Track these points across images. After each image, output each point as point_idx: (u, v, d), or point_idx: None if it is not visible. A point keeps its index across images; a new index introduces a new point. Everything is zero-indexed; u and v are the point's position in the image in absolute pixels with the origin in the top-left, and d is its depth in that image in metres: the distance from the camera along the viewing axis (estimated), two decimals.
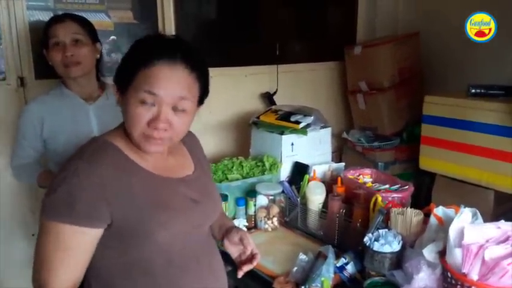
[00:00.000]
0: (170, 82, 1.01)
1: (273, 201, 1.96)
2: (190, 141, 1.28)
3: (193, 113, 1.08)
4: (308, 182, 1.93)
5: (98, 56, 1.79)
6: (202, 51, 1.11)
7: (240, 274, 1.23)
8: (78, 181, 0.98)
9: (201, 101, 1.11)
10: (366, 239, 1.45)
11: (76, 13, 2.04)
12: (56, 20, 1.71)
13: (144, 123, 1.01)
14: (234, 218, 1.95)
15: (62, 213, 0.98)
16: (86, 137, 1.63)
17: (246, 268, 1.23)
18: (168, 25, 2.52)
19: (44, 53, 1.74)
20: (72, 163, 1.02)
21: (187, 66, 1.02)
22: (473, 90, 2.44)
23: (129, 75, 1.03)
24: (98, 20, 2.37)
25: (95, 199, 0.98)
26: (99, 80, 1.84)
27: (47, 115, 1.72)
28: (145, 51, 1.03)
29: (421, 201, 1.70)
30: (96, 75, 1.82)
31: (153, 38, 1.07)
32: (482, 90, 2.44)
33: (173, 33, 2.46)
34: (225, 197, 1.91)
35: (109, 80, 1.87)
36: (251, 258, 1.24)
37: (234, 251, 1.27)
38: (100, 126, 1.74)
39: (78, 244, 1.00)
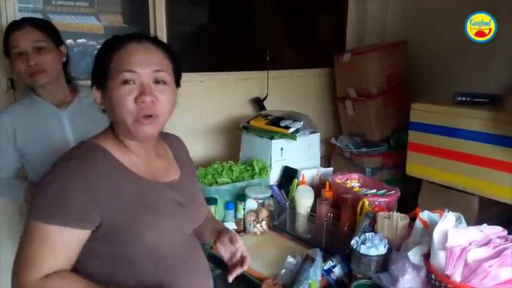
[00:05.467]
0: (142, 55, 1.06)
1: (262, 205, 1.97)
2: (176, 145, 1.30)
3: (174, 90, 1.12)
4: (297, 186, 1.96)
5: (64, 59, 1.73)
6: (194, 56, 1.15)
7: (230, 279, 1.22)
8: (68, 183, 0.99)
9: (177, 83, 1.15)
10: (353, 242, 1.47)
11: (66, 16, 2.02)
12: (15, 27, 1.63)
13: (131, 101, 1.04)
14: (223, 222, 1.96)
15: (52, 215, 0.98)
16: (61, 145, 1.63)
17: (235, 273, 1.22)
18: (160, 30, 2.53)
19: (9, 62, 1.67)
20: (62, 165, 1.02)
21: (152, 42, 1.10)
22: (459, 98, 2.48)
23: (103, 67, 1.07)
24: (88, 23, 2.38)
25: (86, 201, 0.99)
26: (70, 83, 1.78)
27: (19, 125, 1.66)
28: (114, 42, 1.09)
29: (408, 206, 1.73)
30: (66, 79, 1.77)
31: (119, 35, 1.12)
32: (467, 98, 2.48)
33: (164, 38, 2.47)
34: (214, 201, 1.93)
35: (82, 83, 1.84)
36: (241, 261, 1.23)
37: (225, 254, 1.27)
38: (75, 132, 1.70)
39: (65, 244, 1.00)
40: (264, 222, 1.93)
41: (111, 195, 1.02)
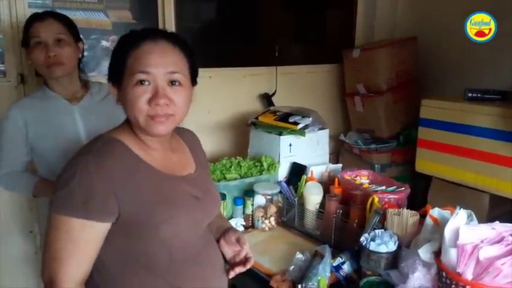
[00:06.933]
0: (158, 56, 1.06)
1: (270, 201, 1.97)
2: (191, 139, 1.31)
3: (189, 89, 1.12)
4: (305, 183, 1.95)
5: (80, 55, 1.75)
6: (202, 51, 1.15)
7: (231, 275, 1.23)
8: (88, 176, 0.99)
9: (193, 81, 1.15)
10: (362, 239, 1.46)
11: (75, 12, 2.03)
12: (37, 18, 1.65)
13: (145, 103, 1.04)
14: (231, 218, 1.96)
15: (73, 208, 0.99)
16: (72, 140, 1.65)
17: (238, 270, 1.23)
18: (169, 25, 2.53)
19: (25, 52, 1.69)
20: (80, 159, 1.03)
21: (168, 41, 1.09)
22: (470, 94, 2.46)
23: (120, 65, 1.07)
24: (96, 19, 2.38)
25: (106, 194, 1.00)
26: (81, 79, 1.80)
27: (30, 119, 1.67)
28: (131, 39, 1.08)
29: (418, 203, 1.72)
30: (78, 75, 1.78)
31: (135, 30, 1.12)
32: (478, 95, 2.45)
33: None
34: (223, 197, 1.92)
35: (94, 79, 1.87)
36: (244, 261, 1.25)
37: (228, 252, 1.28)
38: (87, 127, 1.71)
39: (88, 238, 1.02)
40: (272, 218, 1.93)
41: (128, 188, 1.03)
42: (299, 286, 1.42)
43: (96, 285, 1.08)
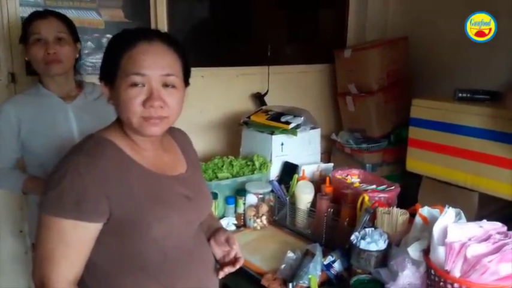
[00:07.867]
0: (152, 57, 1.05)
1: (262, 200, 1.97)
2: (182, 139, 1.31)
3: (183, 90, 1.12)
4: (297, 182, 1.96)
5: (77, 55, 1.76)
6: (195, 51, 1.15)
7: (221, 275, 1.24)
8: (80, 176, 0.99)
9: (186, 82, 1.14)
10: (352, 237, 1.47)
11: (67, 10, 2.02)
12: (39, 16, 1.68)
13: (139, 104, 1.04)
14: (223, 217, 1.97)
15: (65, 209, 0.99)
16: (66, 137, 1.66)
17: (228, 270, 1.24)
18: (161, 25, 2.53)
19: (22, 49, 1.70)
20: (72, 158, 1.03)
21: (163, 41, 1.08)
22: (460, 95, 2.49)
23: (113, 65, 1.06)
24: (88, 18, 2.37)
25: (97, 194, 1.00)
26: (76, 79, 1.80)
27: (24, 116, 1.67)
28: (124, 39, 1.08)
29: (408, 202, 1.73)
30: (73, 75, 1.79)
31: (129, 29, 1.12)
32: (468, 95, 2.49)
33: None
34: (214, 196, 1.93)
35: (88, 79, 1.87)
36: (234, 261, 1.25)
37: (218, 252, 1.28)
38: (79, 126, 1.72)
39: (79, 239, 1.01)
40: (264, 217, 1.94)
41: (120, 189, 1.03)
42: (290, 284, 1.43)
43: (86, 287, 1.07)
